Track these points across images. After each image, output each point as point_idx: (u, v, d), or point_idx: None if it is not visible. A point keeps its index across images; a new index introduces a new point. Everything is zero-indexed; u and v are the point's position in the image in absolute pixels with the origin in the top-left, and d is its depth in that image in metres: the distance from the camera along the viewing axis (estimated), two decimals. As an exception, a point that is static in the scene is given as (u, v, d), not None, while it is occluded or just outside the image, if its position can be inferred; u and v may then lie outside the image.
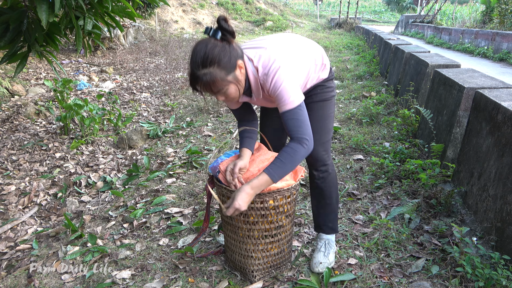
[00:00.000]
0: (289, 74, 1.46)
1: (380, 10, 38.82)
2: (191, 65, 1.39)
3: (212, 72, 1.37)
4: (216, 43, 1.37)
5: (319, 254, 1.90)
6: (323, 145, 1.78)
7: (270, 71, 1.45)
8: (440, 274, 1.79)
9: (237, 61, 1.42)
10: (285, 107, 1.45)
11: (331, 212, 1.91)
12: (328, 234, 1.96)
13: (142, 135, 4.08)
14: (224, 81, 1.40)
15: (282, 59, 1.47)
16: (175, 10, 16.29)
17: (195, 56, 1.37)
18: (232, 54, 1.40)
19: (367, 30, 12.50)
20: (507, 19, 11.86)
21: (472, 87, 2.54)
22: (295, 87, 1.46)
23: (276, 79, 1.44)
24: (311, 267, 1.89)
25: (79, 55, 8.90)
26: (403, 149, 3.14)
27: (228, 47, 1.40)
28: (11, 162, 3.50)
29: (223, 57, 1.37)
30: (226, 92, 1.45)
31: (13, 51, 2.58)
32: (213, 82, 1.38)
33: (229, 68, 1.40)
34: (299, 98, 1.46)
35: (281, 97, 1.44)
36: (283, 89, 1.43)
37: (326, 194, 1.87)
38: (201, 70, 1.37)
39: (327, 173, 1.83)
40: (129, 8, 2.83)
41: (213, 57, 1.36)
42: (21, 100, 5.32)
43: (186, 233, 2.31)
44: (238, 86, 1.47)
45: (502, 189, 1.84)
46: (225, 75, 1.40)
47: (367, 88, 5.76)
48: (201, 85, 1.40)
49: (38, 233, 2.45)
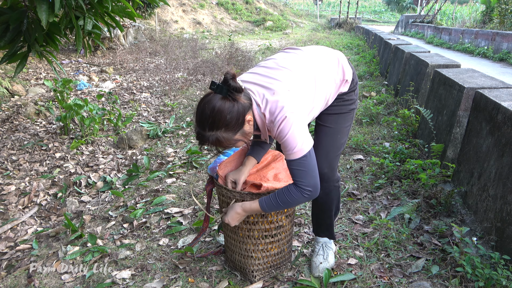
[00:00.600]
0: (296, 122, 1.38)
1: (380, 10, 38.82)
2: (198, 125, 1.36)
3: (219, 135, 1.34)
4: (224, 104, 1.32)
5: (318, 257, 1.88)
6: (329, 161, 1.68)
7: (276, 120, 1.38)
8: (440, 274, 1.79)
9: (245, 117, 1.38)
10: (290, 156, 1.40)
11: (329, 224, 1.90)
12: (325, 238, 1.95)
13: (142, 135, 4.07)
14: (231, 140, 1.38)
15: (290, 106, 1.38)
16: (175, 10, 16.29)
17: (201, 116, 1.34)
18: (240, 112, 1.35)
19: (367, 30, 12.50)
20: (507, 19, 11.86)
21: (472, 87, 2.54)
22: (302, 135, 1.39)
23: (281, 128, 1.37)
24: (311, 272, 1.88)
25: (79, 55, 8.90)
26: (403, 149, 3.14)
27: (236, 106, 1.34)
28: (11, 162, 3.50)
29: (230, 120, 1.33)
30: (233, 145, 1.43)
31: (13, 51, 2.58)
32: (220, 143, 1.37)
33: (237, 127, 1.36)
34: (307, 146, 1.40)
35: (287, 145, 1.39)
36: (288, 138, 1.37)
37: (326, 206, 1.82)
38: (208, 132, 1.34)
39: (328, 190, 1.75)
40: (129, 8, 2.83)
41: (220, 122, 1.32)
42: (21, 100, 5.32)
43: (186, 233, 2.31)
44: (245, 139, 1.44)
45: (502, 189, 1.84)
46: (232, 135, 1.37)
47: (367, 88, 5.76)
48: (208, 144, 1.39)
49: (38, 233, 2.45)
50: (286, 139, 1.38)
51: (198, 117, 1.35)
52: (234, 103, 1.34)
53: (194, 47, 10.59)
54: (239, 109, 1.34)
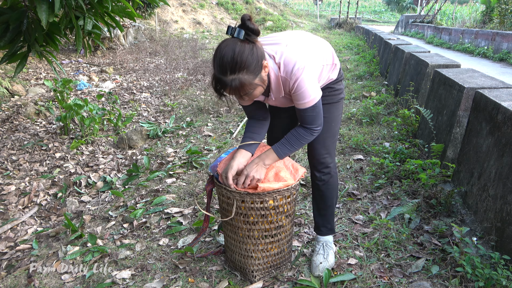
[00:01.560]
0: (311, 73, 1.47)
1: (380, 10, 38.81)
2: (218, 70, 1.34)
3: (241, 78, 1.33)
4: (244, 46, 1.32)
5: (318, 256, 1.89)
6: (327, 148, 1.78)
7: (295, 70, 1.43)
8: (440, 274, 1.79)
9: (263, 62, 1.39)
10: (305, 105, 1.49)
11: (330, 214, 1.93)
12: (326, 236, 1.96)
13: (142, 135, 4.08)
14: (252, 85, 1.38)
15: (304, 58, 1.46)
16: (175, 10, 16.28)
17: (222, 60, 1.32)
18: (259, 54, 1.36)
19: (367, 30, 12.50)
20: (507, 19, 11.86)
21: (472, 87, 2.54)
22: (315, 85, 1.49)
23: (300, 79, 1.43)
24: (311, 271, 1.88)
25: (79, 55, 8.90)
26: (403, 149, 3.14)
27: (255, 48, 1.35)
28: (11, 162, 3.50)
29: (252, 61, 1.33)
30: (252, 94, 1.42)
31: (13, 51, 2.57)
32: (242, 87, 1.36)
33: (257, 71, 1.37)
34: (318, 95, 1.50)
35: (303, 96, 1.47)
36: (306, 89, 1.45)
37: (326, 196, 1.86)
38: (229, 76, 1.33)
39: (329, 175, 1.83)
40: (129, 8, 2.83)
41: (242, 63, 1.31)
42: (21, 100, 5.32)
43: (186, 233, 2.31)
44: (263, 86, 1.45)
45: (502, 189, 1.84)
46: (253, 79, 1.36)
47: (367, 88, 5.76)
48: (229, 90, 1.37)
49: (38, 233, 2.45)
50: (304, 90, 1.45)
51: (219, 62, 1.32)
52: (253, 46, 1.35)
53: (194, 47, 10.59)
54: (258, 51, 1.36)
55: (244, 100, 1.48)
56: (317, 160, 1.79)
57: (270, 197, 1.65)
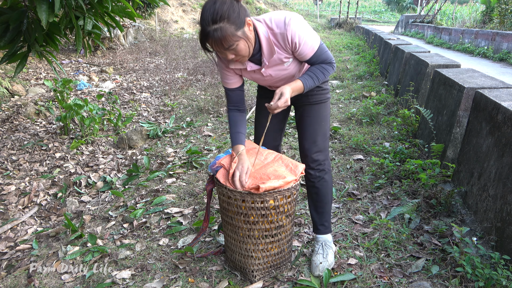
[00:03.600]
0: (304, 22, 1.57)
1: (380, 10, 38.81)
2: (202, 23, 1.42)
3: (222, 27, 1.40)
4: (224, 0, 1.41)
5: (318, 256, 1.89)
6: (318, 146, 1.84)
7: (287, 21, 1.52)
8: (440, 274, 1.79)
9: (245, 18, 1.46)
10: (313, 50, 1.59)
11: (327, 211, 1.94)
12: (324, 235, 1.96)
13: (142, 135, 4.08)
14: (234, 36, 1.43)
15: (295, 13, 1.56)
16: (175, 10, 16.27)
17: (205, 13, 1.40)
18: (241, 10, 1.44)
19: (367, 30, 12.50)
20: (507, 19, 11.86)
21: (472, 87, 2.54)
22: (311, 29, 1.59)
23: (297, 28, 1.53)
24: (311, 271, 1.88)
25: (79, 55, 8.90)
26: (403, 149, 3.14)
27: (236, 3, 1.43)
28: (11, 162, 3.50)
29: (232, 12, 1.41)
30: (236, 49, 1.47)
31: (13, 51, 2.57)
32: (223, 37, 1.41)
33: (238, 23, 1.43)
34: (318, 37, 1.62)
35: (307, 43, 1.56)
36: (305, 36, 1.55)
37: (322, 192, 1.90)
38: (212, 26, 1.40)
39: (324, 172, 1.87)
40: (129, 8, 2.83)
41: (223, 13, 1.39)
42: (21, 100, 5.32)
43: (186, 233, 2.31)
44: (247, 43, 1.49)
45: (502, 189, 1.84)
46: (235, 30, 1.42)
47: (367, 88, 5.76)
48: (212, 42, 1.43)
49: (38, 233, 2.45)
50: (303, 39, 1.55)
51: (203, 15, 1.41)
52: (235, 2, 1.43)
53: (194, 47, 10.58)
54: (240, 6, 1.44)
55: (230, 58, 1.52)
56: (310, 158, 1.85)
57: (270, 197, 1.65)
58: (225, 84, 1.76)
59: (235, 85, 1.75)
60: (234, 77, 1.72)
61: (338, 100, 5.33)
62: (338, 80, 6.73)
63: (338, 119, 4.44)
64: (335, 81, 6.57)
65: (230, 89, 1.76)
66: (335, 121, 4.36)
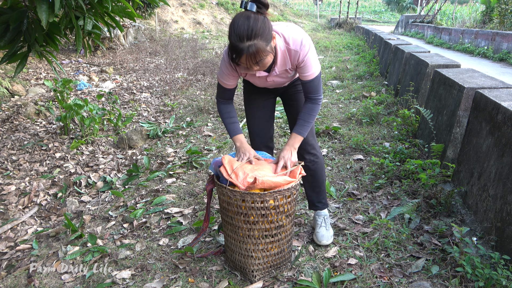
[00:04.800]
0: (313, 49, 1.73)
1: (380, 10, 38.80)
2: (234, 39, 1.47)
3: (256, 44, 1.47)
4: (257, 17, 1.48)
5: (321, 228, 2.10)
6: (312, 132, 2.01)
7: (304, 42, 1.67)
8: (440, 274, 1.79)
9: (272, 33, 1.54)
10: (312, 75, 1.74)
11: (323, 190, 2.15)
12: (323, 210, 2.18)
13: (142, 135, 4.08)
14: (265, 52, 1.52)
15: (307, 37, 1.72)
16: (175, 10, 16.27)
17: (239, 29, 1.46)
18: (270, 26, 1.53)
19: (367, 30, 12.49)
20: (507, 19, 11.86)
21: (472, 87, 2.54)
22: (317, 59, 1.76)
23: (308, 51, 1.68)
24: (317, 240, 2.08)
25: (79, 55, 8.90)
26: (403, 149, 3.14)
27: (266, 19, 1.51)
28: (11, 162, 3.50)
29: (265, 29, 1.49)
30: (263, 62, 1.55)
31: (13, 51, 2.57)
32: (257, 52, 1.49)
33: (269, 39, 1.52)
34: (319, 67, 1.78)
35: (309, 67, 1.71)
36: (311, 61, 1.70)
37: (318, 174, 2.08)
38: (246, 43, 1.46)
39: (316, 156, 2.05)
40: (129, 8, 2.83)
41: (257, 30, 1.46)
42: (21, 100, 5.32)
43: (186, 233, 2.31)
44: (272, 56, 1.59)
45: (502, 189, 1.84)
46: (266, 45, 1.51)
47: (367, 88, 5.76)
48: (245, 57, 1.50)
49: (38, 233, 2.45)
50: (309, 63, 1.70)
51: (236, 31, 1.47)
52: (264, 17, 1.52)
53: (194, 47, 10.58)
54: (268, 22, 1.53)
55: (254, 70, 1.60)
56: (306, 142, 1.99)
57: (270, 196, 1.65)
58: (224, 84, 1.85)
59: (233, 86, 1.87)
60: (235, 80, 1.84)
61: (338, 100, 5.33)
62: (338, 80, 6.73)
63: (338, 119, 4.44)
64: (335, 81, 6.56)
65: (227, 88, 1.86)
66: (335, 121, 4.36)
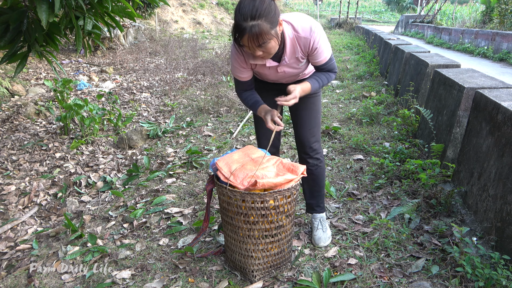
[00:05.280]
0: (324, 32, 1.73)
1: (380, 10, 38.80)
2: (239, 18, 1.46)
3: (259, 24, 1.45)
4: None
5: (319, 231, 2.11)
6: (315, 135, 2.01)
7: (314, 28, 1.67)
8: (440, 274, 1.79)
9: (278, 18, 1.53)
10: (325, 59, 1.76)
11: (322, 194, 2.16)
12: (320, 213, 2.17)
13: (142, 135, 4.08)
14: (268, 34, 1.49)
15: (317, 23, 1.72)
16: (175, 10, 16.28)
17: (244, 9, 1.45)
18: (276, 10, 1.51)
19: (367, 30, 12.49)
20: (507, 19, 11.86)
21: (472, 87, 2.54)
22: (328, 41, 1.76)
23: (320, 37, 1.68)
24: (315, 243, 2.08)
25: (79, 55, 8.90)
26: (403, 149, 3.14)
27: (273, 3, 1.50)
28: (11, 162, 3.50)
29: (270, 11, 1.47)
30: (267, 46, 1.53)
31: (13, 51, 2.57)
32: (260, 33, 1.46)
33: (274, 22, 1.50)
34: (330, 47, 1.80)
35: (321, 51, 1.72)
36: (323, 46, 1.71)
37: (319, 179, 2.08)
38: (249, 22, 1.44)
39: (320, 160, 2.05)
40: (129, 8, 2.83)
41: (262, 10, 1.45)
42: (21, 100, 5.32)
43: (186, 233, 2.31)
44: (277, 42, 1.57)
45: (502, 189, 1.84)
46: (270, 28, 1.48)
47: (367, 88, 5.76)
48: (247, 37, 1.48)
49: (38, 233, 2.45)
50: (322, 49, 1.71)
51: (241, 10, 1.46)
52: (272, 1, 1.51)
53: (194, 47, 10.59)
54: (275, 6, 1.51)
55: (258, 55, 1.57)
56: (309, 147, 2.01)
57: (270, 196, 1.65)
58: (238, 77, 1.84)
59: (248, 78, 1.84)
60: (248, 72, 1.82)
61: (338, 100, 5.33)
62: (338, 80, 6.73)
63: (338, 119, 4.43)
64: (335, 81, 6.56)
65: (243, 81, 1.85)
66: (335, 121, 4.36)
